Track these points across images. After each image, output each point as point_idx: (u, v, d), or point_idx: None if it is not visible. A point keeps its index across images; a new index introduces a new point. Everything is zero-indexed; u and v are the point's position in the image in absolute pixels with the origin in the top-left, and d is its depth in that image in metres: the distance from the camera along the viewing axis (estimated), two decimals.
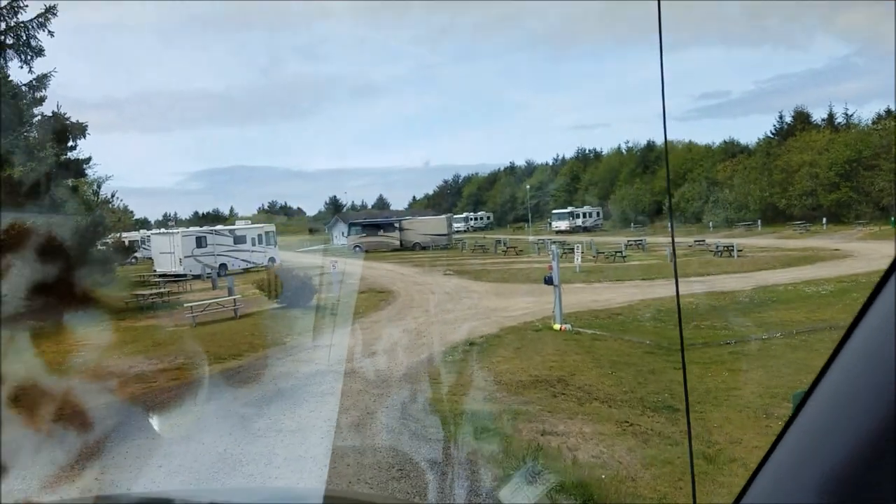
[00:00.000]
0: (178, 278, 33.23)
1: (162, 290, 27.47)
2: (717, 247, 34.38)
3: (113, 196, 31.99)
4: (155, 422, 9.61)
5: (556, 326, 15.74)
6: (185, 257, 37.78)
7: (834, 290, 20.15)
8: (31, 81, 16.49)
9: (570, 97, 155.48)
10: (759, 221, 57.84)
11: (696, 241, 39.73)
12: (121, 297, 26.68)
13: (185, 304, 21.58)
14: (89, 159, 25.31)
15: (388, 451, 7.80)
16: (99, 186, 30.98)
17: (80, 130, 17.57)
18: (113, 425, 9.49)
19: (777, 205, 59.88)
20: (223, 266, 38.63)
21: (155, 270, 38.39)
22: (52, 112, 17.47)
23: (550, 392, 10.44)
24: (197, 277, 35.30)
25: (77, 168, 23.82)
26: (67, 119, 17.65)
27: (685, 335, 15.41)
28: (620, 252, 34.89)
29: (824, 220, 51.68)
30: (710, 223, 61.33)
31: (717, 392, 10.35)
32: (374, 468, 7.30)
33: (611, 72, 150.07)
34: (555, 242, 40.55)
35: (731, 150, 75.14)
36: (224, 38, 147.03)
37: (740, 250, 33.13)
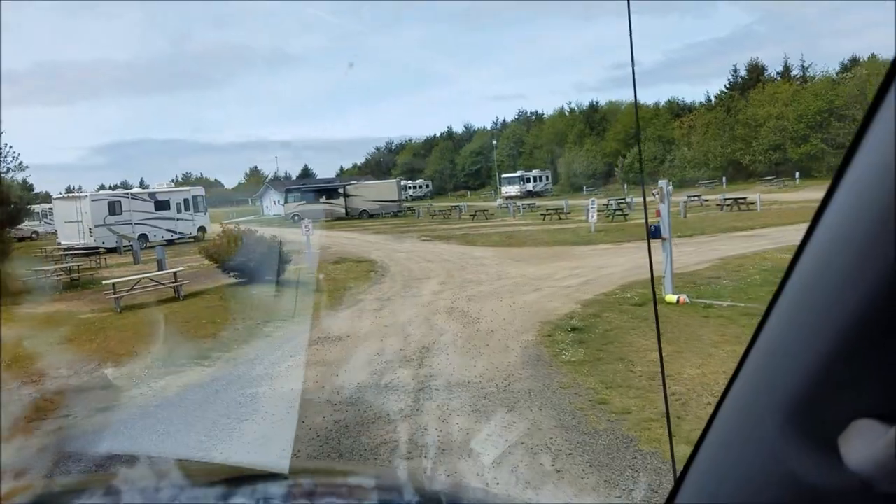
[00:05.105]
0: (89, 252, 26.52)
1: (70, 265, 21.09)
2: (724, 200, 30.50)
3: None
4: None
5: (671, 298, 10.91)
6: (96, 226, 31.04)
7: None
8: None
9: (491, 68, 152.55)
10: (724, 179, 54.98)
11: (689, 196, 35.91)
12: (15, 276, 20.25)
13: (105, 282, 15.55)
14: None
15: None
16: None
17: None
18: None
19: (740, 161, 57.24)
20: (143, 237, 32.14)
21: (59, 243, 31.42)
22: None
23: None
24: (112, 251, 28.71)
25: None
26: None
27: None
28: (620, 210, 30.62)
29: (797, 174, 49.06)
30: (669, 183, 58.21)
31: None
32: None
33: (526, 43, 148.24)
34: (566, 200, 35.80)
35: (675, 109, 72.98)
36: (129, 7, 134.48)
37: (751, 203, 29.37)
